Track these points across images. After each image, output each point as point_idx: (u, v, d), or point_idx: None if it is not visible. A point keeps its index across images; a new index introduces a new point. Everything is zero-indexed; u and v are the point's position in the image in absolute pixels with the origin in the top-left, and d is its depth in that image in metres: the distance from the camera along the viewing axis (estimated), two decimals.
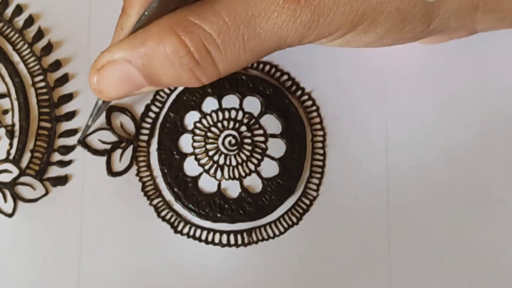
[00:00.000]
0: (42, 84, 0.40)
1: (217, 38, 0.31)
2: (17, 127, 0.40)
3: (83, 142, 0.40)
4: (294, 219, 0.40)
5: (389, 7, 0.31)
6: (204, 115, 0.41)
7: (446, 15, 0.33)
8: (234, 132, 0.40)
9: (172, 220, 0.40)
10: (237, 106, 0.41)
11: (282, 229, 0.40)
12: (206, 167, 0.40)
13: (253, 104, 0.41)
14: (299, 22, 0.31)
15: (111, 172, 0.40)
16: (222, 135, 0.40)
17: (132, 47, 0.32)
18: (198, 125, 0.41)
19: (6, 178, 0.39)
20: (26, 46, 0.40)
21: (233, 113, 0.41)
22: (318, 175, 0.41)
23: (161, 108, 0.41)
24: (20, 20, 0.40)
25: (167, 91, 0.41)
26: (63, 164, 0.40)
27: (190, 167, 0.40)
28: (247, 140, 0.40)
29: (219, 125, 0.40)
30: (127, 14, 0.33)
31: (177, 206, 0.40)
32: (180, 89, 0.41)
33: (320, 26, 0.31)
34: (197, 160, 0.40)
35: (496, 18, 0.34)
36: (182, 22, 0.31)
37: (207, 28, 0.31)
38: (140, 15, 0.32)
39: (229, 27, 0.31)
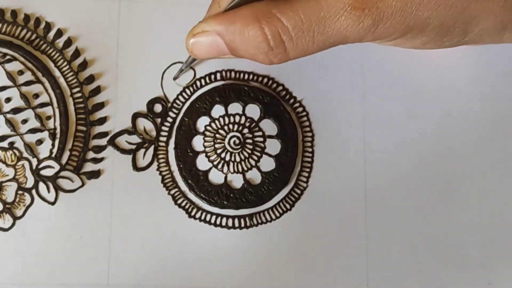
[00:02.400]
0: (79, 94, 0.41)
1: (292, 31, 0.32)
2: (58, 130, 0.41)
3: (113, 143, 0.41)
4: (288, 206, 0.41)
5: (435, 21, 0.32)
6: (213, 119, 0.42)
7: (480, 32, 0.33)
8: (238, 134, 0.42)
9: (187, 207, 0.41)
10: (241, 112, 0.42)
11: (278, 214, 0.41)
12: (215, 163, 0.41)
13: (253, 111, 0.42)
14: (361, 26, 0.32)
15: (136, 168, 0.41)
16: (228, 136, 0.42)
17: (223, 24, 0.33)
18: (208, 128, 0.42)
19: (49, 172, 0.40)
20: (65, 63, 0.41)
21: (237, 118, 0.42)
22: (308, 169, 0.42)
23: (177, 114, 0.42)
24: (60, 42, 0.41)
25: (182, 99, 0.42)
26: (96, 161, 0.41)
27: (202, 163, 0.41)
28: (249, 141, 0.42)
29: (226, 128, 0.42)
30: None
31: (191, 195, 0.41)
32: (193, 98, 0.41)
33: (378, 31, 0.32)
34: (207, 157, 0.41)
35: None
36: (266, 13, 0.32)
37: (285, 21, 0.32)
38: None
39: (303, 23, 0.32)
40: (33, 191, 0.41)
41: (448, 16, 0.32)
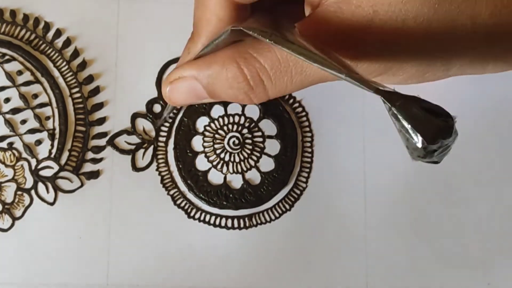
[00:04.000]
0: (78, 95, 0.41)
1: (270, 71, 0.31)
2: (57, 131, 0.40)
3: (112, 143, 0.40)
4: (287, 206, 0.41)
5: (414, 59, 0.31)
6: (212, 120, 0.41)
7: (463, 67, 0.32)
8: (237, 134, 0.41)
9: (186, 207, 0.41)
10: (240, 112, 0.41)
11: (277, 215, 0.41)
12: (214, 163, 0.41)
13: (253, 111, 0.42)
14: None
15: (135, 168, 0.41)
16: (227, 137, 0.41)
17: (200, 68, 0.32)
18: (208, 128, 0.41)
19: (48, 173, 0.40)
20: (64, 63, 0.41)
21: (237, 118, 0.41)
22: (307, 170, 0.41)
23: (176, 114, 0.41)
24: (59, 42, 0.41)
25: None
26: (95, 161, 0.40)
27: (201, 163, 0.41)
28: (248, 141, 0.41)
29: (225, 128, 0.41)
30: (195, 42, 0.34)
31: (190, 196, 0.41)
32: None
33: (358, 70, 0.31)
34: (207, 157, 0.41)
35: (506, 66, 0.34)
36: (243, 54, 0.31)
37: (262, 61, 0.31)
38: (203, 45, 0.33)
39: (280, 64, 0.31)
40: (32, 192, 0.40)
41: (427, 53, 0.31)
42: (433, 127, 0.25)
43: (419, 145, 0.25)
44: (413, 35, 0.30)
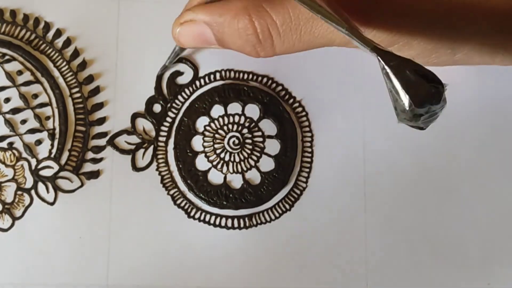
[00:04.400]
0: (78, 95, 0.40)
1: (280, 27, 0.32)
2: (57, 131, 0.40)
3: (112, 143, 0.40)
4: (287, 206, 0.41)
5: (422, 35, 0.32)
6: (212, 119, 0.41)
7: (470, 53, 0.33)
8: (237, 134, 0.41)
9: (186, 207, 0.40)
10: (240, 112, 0.41)
11: (277, 215, 0.41)
12: (214, 163, 0.41)
13: (253, 110, 0.41)
14: None
15: (135, 168, 0.40)
16: (228, 136, 0.41)
17: (213, 14, 0.33)
18: (208, 128, 0.41)
19: (49, 173, 0.40)
20: (64, 63, 0.41)
21: (237, 118, 0.41)
22: (307, 170, 0.41)
23: (176, 114, 0.41)
24: (59, 42, 0.41)
25: (182, 99, 0.41)
26: (95, 161, 0.40)
27: (201, 163, 0.41)
28: (248, 141, 0.41)
29: (225, 128, 0.41)
30: None
31: (190, 196, 0.41)
32: (192, 98, 0.41)
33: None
34: (207, 157, 0.41)
35: None
36: (256, 7, 0.32)
37: (274, 17, 0.32)
38: None
39: (292, 21, 0.32)
40: (32, 192, 0.40)
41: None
42: (422, 91, 0.25)
43: (407, 107, 0.25)
44: (424, 9, 0.30)
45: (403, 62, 0.26)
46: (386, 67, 0.26)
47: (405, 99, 0.26)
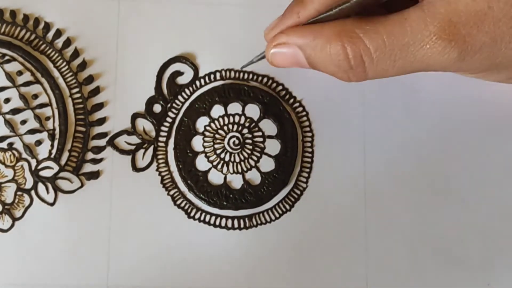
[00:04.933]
0: (78, 95, 0.40)
1: (374, 53, 0.32)
2: (57, 131, 0.40)
3: (112, 144, 0.40)
4: (288, 207, 0.40)
5: None
6: (212, 120, 0.41)
7: None
8: (237, 134, 0.41)
9: (186, 207, 0.40)
10: (240, 112, 0.41)
11: (277, 215, 0.40)
12: (214, 163, 0.41)
13: (253, 110, 0.41)
14: (446, 58, 0.31)
15: (135, 168, 0.40)
16: (228, 137, 0.41)
17: (306, 39, 0.33)
18: (208, 128, 0.41)
19: (48, 173, 0.40)
20: (64, 63, 0.40)
21: (237, 118, 0.41)
22: (308, 170, 0.41)
23: (176, 114, 0.41)
24: (59, 42, 0.41)
25: (182, 100, 0.41)
26: (95, 161, 0.40)
27: (201, 163, 0.41)
28: (248, 141, 0.41)
29: (225, 128, 0.41)
30: (305, 5, 0.34)
31: (190, 196, 0.40)
32: (192, 98, 0.41)
33: (463, 64, 0.31)
34: (207, 157, 0.41)
35: None
36: (349, 32, 0.32)
37: (367, 42, 0.31)
38: (316, 10, 0.33)
39: (386, 47, 0.31)
40: (32, 192, 0.40)
41: None
42: None
43: None
44: None
45: None
46: None
47: None
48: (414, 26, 0.31)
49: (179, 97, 0.41)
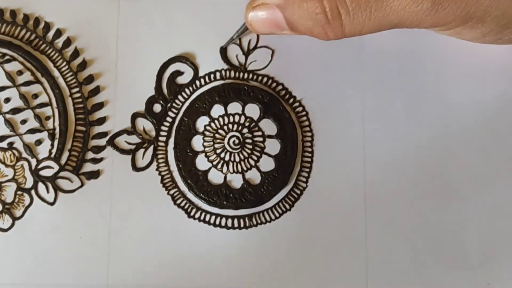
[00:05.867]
0: (78, 95, 0.40)
1: (350, 5, 0.32)
2: (57, 131, 0.40)
3: (112, 143, 0.40)
4: (287, 206, 0.40)
5: (496, 11, 0.32)
6: (212, 119, 0.41)
7: None
8: (237, 134, 0.41)
9: (186, 207, 0.40)
10: (240, 112, 0.41)
11: (277, 215, 0.40)
12: (214, 162, 0.41)
13: (253, 110, 0.41)
14: (420, 8, 0.31)
15: (135, 168, 0.40)
16: (228, 136, 0.41)
17: None
18: (208, 128, 0.41)
19: (49, 173, 0.39)
20: (64, 63, 0.40)
21: (237, 118, 0.41)
22: (307, 170, 0.41)
23: (176, 114, 0.41)
24: (59, 42, 0.40)
25: (182, 99, 0.41)
26: (95, 161, 0.40)
27: (201, 163, 0.40)
28: (248, 140, 0.41)
29: (225, 128, 0.41)
30: None
31: (190, 195, 0.40)
32: (192, 98, 0.41)
33: (437, 15, 0.32)
34: (207, 157, 0.41)
35: None
36: None
37: None
38: None
39: None
40: (32, 192, 0.40)
41: (510, 6, 0.32)
42: None
43: None
44: None
45: None
46: None
47: None
48: None
49: (179, 96, 0.41)
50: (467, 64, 0.42)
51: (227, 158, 0.41)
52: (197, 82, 0.41)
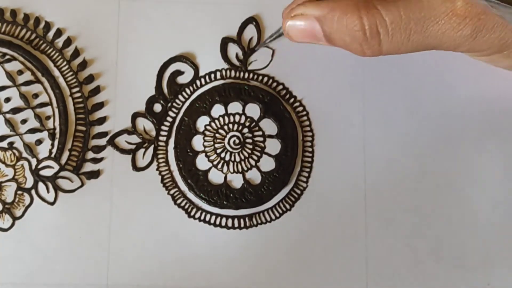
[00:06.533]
0: (78, 94, 0.40)
1: (389, 25, 0.32)
2: (57, 130, 0.40)
3: (112, 143, 0.40)
4: (288, 206, 0.40)
5: None
6: (213, 119, 0.41)
7: None
8: (238, 134, 0.41)
9: (186, 207, 0.40)
10: (240, 112, 0.41)
11: (277, 214, 0.40)
12: (215, 162, 0.40)
13: (253, 110, 0.41)
14: (459, 34, 0.32)
15: (135, 168, 0.40)
16: (228, 136, 0.40)
17: (323, 10, 0.33)
18: (208, 127, 0.41)
19: (49, 172, 0.39)
20: (65, 63, 0.40)
21: (237, 118, 0.41)
22: (308, 169, 0.40)
23: (177, 114, 0.41)
24: (60, 41, 0.40)
25: (182, 99, 0.41)
26: (95, 161, 0.40)
27: (201, 163, 0.40)
28: (249, 140, 0.40)
29: (225, 127, 0.41)
30: None
31: (190, 195, 0.40)
32: (192, 97, 0.40)
33: (475, 42, 0.32)
34: (207, 156, 0.40)
35: None
36: (366, 4, 0.32)
37: (384, 14, 0.32)
38: None
39: (402, 20, 0.32)
40: (33, 191, 0.39)
41: None
42: None
43: None
44: None
45: None
46: None
47: None
48: (431, 1, 0.31)
49: (180, 96, 0.41)
50: (467, 64, 0.41)
51: (227, 158, 0.41)
52: (198, 82, 0.41)
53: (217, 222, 0.40)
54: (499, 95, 0.42)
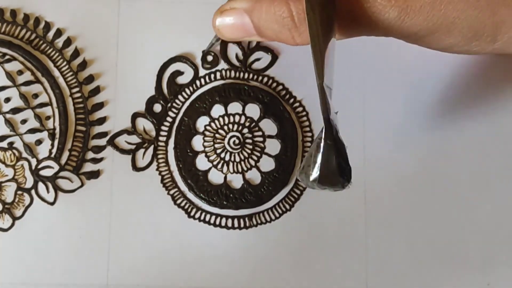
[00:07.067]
0: (78, 94, 0.40)
1: None
2: (57, 131, 0.40)
3: (112, 143, 0.40)
4: (288, 206, 0.40)
5: (462, 23, 0.31)
6: (212, 119, 0.41)
7: (510, 40, 0.32)
8: (237, 134, 0.40)
9: (186, 207, 0.40)
10: (240, 112, 0.41)
11: (277, 215, 0.40)
12: (214, 162, 0.40)
13: (253, 110, 0.41)
14: (386, 17, 0.31)
15: (135, 168, 0.40)
16: (228, 136, 0.40)
17: (250, 1, 0.33)
18: (208, 128, 0.41)
19: (49, 173, 0.39)
20: (65, 63, 0.40)
21: (237, 118, 0.41)
22: None
23: (177, 114, 0.40)
24: (59, 41, 0.40)
25: (182, 99, 0.40)
26: (95, 161, 0.40)
27: (201, 163, 0.40)
28: (249, 141, 0.40)
29: (225, 128, 0.40)
30: None
31: (190, 195, 0.40)
32: (192, 98, 0.40)
33: (403, 25, 0.31)
34: (207, 157, 0.40)
35: None
36: None
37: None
38: None
39: None
40: (33, 191, 0.39)
41: (476, 19, 0.31)
42: (331, 180, 0.30)
43: (311, 178, 0.30)
44: None
45: (336, 147, 0.30)
46: (322, 140, 0.30)
47: (315, 173, 0.30)
48: None
49: (179, 96, 0.41)
50: (467, 64, 0.42)
51: (227, 158, 0.40)
52: (197, 82, 0.41)
53: (217, 222, 0.40)
54: (500, 94, 0.42)
